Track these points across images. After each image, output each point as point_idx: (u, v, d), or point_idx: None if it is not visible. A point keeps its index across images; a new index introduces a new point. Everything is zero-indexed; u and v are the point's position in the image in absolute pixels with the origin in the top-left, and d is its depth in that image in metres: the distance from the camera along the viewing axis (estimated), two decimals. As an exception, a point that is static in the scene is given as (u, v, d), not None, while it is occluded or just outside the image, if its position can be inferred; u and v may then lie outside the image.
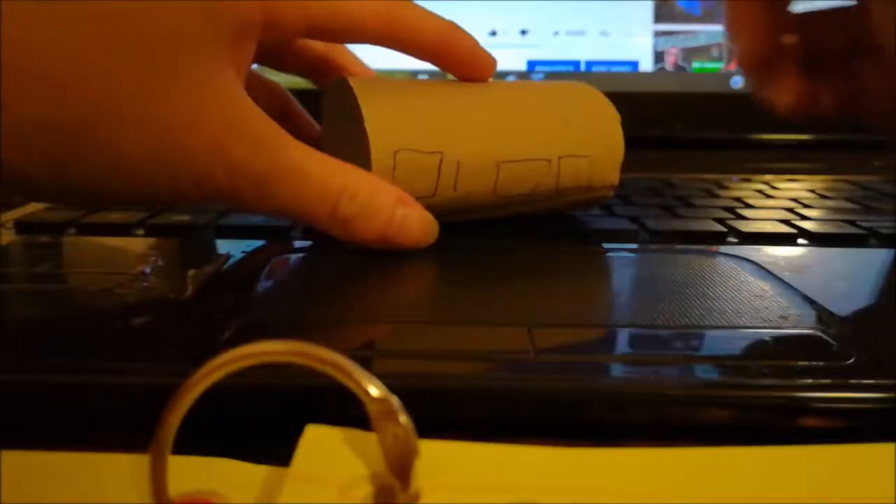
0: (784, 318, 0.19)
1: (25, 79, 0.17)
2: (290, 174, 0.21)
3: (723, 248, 0.26)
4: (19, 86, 0.17)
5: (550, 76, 0.51)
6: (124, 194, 0.20)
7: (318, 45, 0.29)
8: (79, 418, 0.15)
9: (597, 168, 0.28)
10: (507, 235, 0.27)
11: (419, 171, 0.25)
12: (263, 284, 0.22)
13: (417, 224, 0.24)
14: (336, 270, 0.24)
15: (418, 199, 0.24)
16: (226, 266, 0.24)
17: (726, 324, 0.18)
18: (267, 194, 0.21)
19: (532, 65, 0.51)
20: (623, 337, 0.18)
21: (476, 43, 0.27)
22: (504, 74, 0.51)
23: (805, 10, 0.26)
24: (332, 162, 0.23)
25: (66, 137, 0.18)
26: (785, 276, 0.22)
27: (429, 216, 0.24)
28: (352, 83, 0.25)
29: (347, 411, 0.12)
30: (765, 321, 0.18)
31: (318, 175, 0.22)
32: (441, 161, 0.25)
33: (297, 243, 0.27)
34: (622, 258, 0.26)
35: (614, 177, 0.29)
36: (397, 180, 0.24)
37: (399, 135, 0.24)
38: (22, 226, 0.29)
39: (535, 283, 0.22)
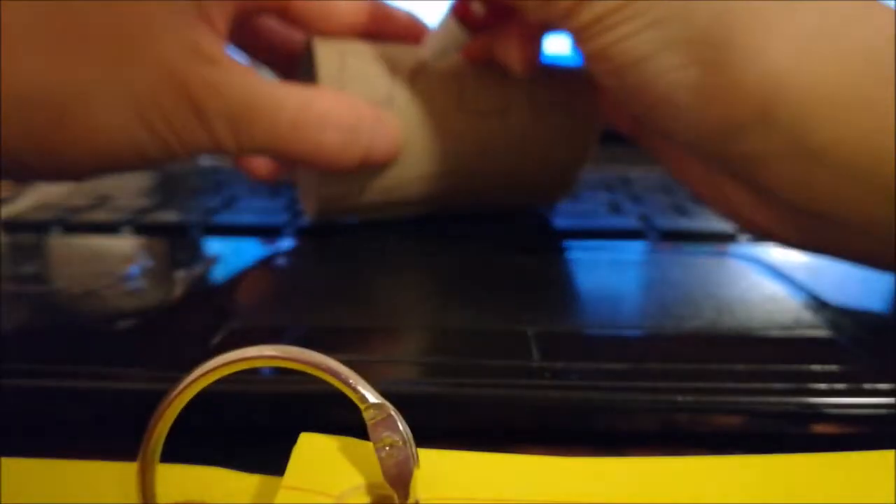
0: (796, 321, 0.18)
1: (12, 54, 0.18)
2: (262, 107, 0.21)
3: (733, 248, 0.26)
4: (7, 61, 0.18)
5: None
6: (112, 160, 0.20)
7: (290, 33, 0.28)
8: (64, 424, 0.14)
9: (574, 91, 0.26)
10: (509, 234, 0.27)
11: (369, 73, 0.24)
12: (253, 287, 0.21)
13: (392, 134, 0.24)
14: (326, 273, 0.23)
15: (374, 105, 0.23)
16: (215, 267, 0.23)
17: (738, 327, 0.18)
18: (242, 131, 0.21)
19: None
20: (631, 341, 0.17)
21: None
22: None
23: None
24: (307, 91, 0.22)
25: (50, 109, 0.18)
26: (796, 277, 0.22)
27: (395, 124, 0.24)
28: (311, 38, 0.25)
29: (342, 419, 0.12)
30: (777, 324, 0.18)
31: (293, 106, 0.21)
32: (393, 66, 0.24)
33: (288, 243, 0.26)
34: (629, 259, 0.25)
35: (595, 107, 0.26)
36: (346, 80, 0.23)
37: (347, 45, 0.24)
38: (7, 225, 0.29)
39: (538, 285, 0.22)
